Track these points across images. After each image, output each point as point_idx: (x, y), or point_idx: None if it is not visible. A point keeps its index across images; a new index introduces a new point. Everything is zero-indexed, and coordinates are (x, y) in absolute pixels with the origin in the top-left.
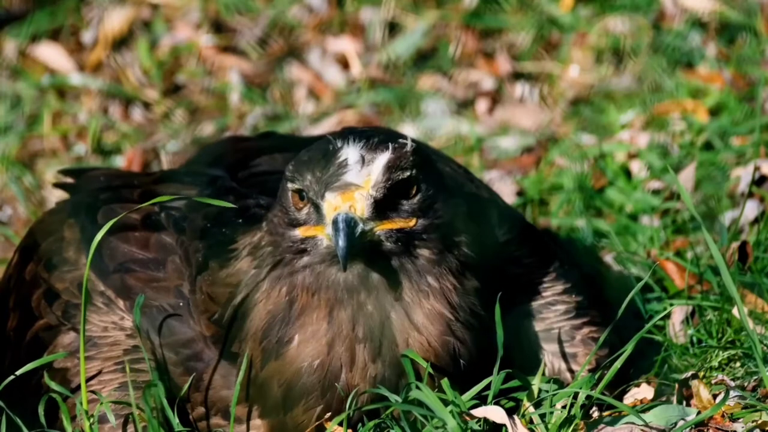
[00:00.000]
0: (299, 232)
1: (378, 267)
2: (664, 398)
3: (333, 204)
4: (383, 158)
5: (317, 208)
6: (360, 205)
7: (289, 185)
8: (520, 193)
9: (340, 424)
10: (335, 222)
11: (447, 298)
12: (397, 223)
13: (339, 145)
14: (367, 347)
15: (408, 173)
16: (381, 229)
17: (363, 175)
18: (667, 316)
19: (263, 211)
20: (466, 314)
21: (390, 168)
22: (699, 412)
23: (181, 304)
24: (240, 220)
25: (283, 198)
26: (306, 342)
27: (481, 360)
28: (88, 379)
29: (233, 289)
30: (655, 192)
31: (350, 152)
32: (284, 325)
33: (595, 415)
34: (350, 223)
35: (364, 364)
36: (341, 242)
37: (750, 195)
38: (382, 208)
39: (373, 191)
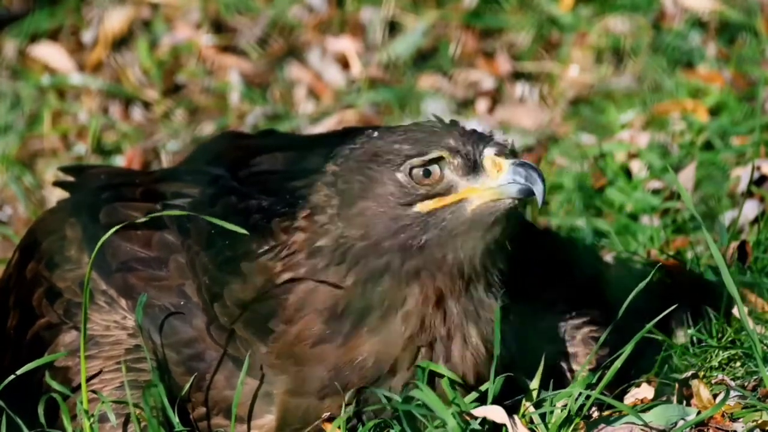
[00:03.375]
0: (420, 209)
1: (493, 251)
2: (664, 398)
3: (497, 159)
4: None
5: (472, 168)
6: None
7: (414, 161)
8: None
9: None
10: (521, 164)
11: (508, 314)
12: None
13: (451, 121)
14: (429, 351)
15: None
16: None
17: (503, 139)
18: (668, 316)
19: (265, 220)
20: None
21: None
22: (699, 412)
23: (183, 303)
24: (244, 229)
25: (384, 185)
26: (377, 337)
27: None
28: (89, 378)
29: (279, 275)
30: (655, 192)
31: (474, 125)
32: (362, 314)
33: (595, 414)
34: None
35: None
36: (537, 176)
37: (750, 195)
38: None
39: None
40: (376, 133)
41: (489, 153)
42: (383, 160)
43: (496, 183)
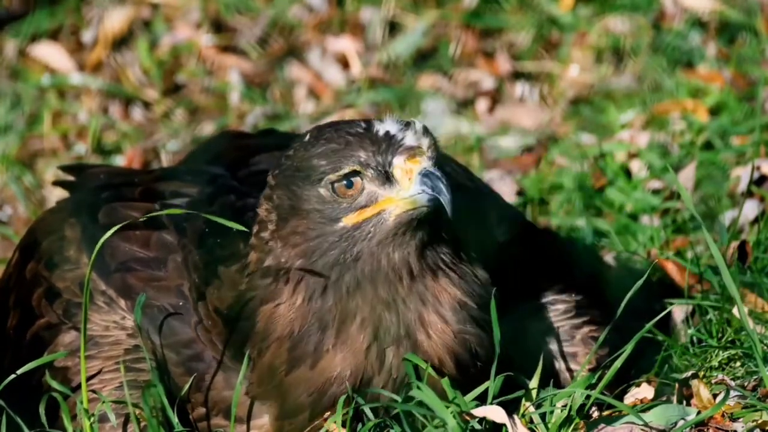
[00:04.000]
0: (346, 223)
1: (429, 243)
2: (664, 398)
3: (405, 167)
4: (420, 125)
5: (386, 179)
6: (427, 165)
7: (331, 176)
8: (520, 193)
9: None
10: (427, 175)
11: (475, 290)
12: None
13: (365, 125)
14: (395, 350)
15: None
16: None
17: (418, 139)
18: (668, 316)
19: (254, 215)
20: (482, 309)
21: (431, 134)
22: (699, 412)
23: (181, 303)
24: (235, 229)
25: (308, 201)
26: (343, 350)
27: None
28: (88, 378)
29: (244, 293)
30: (655, 191)
31: (388, 126)
32: (320, 333)
33: (595, 414)
34: (439, 171)
35: (389, 367)
36: (443, 186)
37: (750, 194)
38: None
39: (430, 153)
40: (307, 137)
41: (398, 162)
42: (304, 176)
43: (408, 193)
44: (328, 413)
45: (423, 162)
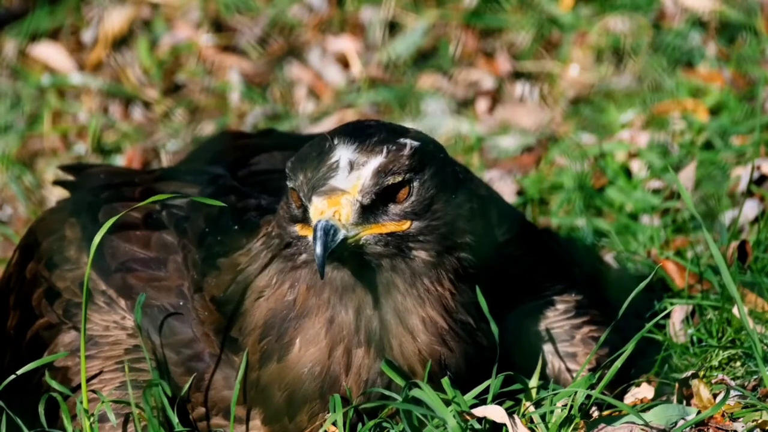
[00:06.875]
0: (297, 229)
1: (369, 270)
2: (664, 398)
3: (318, 209)
4: (375, 162)
5: (305, 210)
6: (345, 210)
7: (288, 183)
8: (520, 193)
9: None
10: (315, 229)
11: (443, 305)
12: (388, 227)
13: (334, 143)
14: (363, 351)
15: (401, 177)
16: (369, 233)
17: (351, 179)
18: (668, 316)
19: (259, 217)
20: (459, 324)
21: (381, 173)
22: (699, 412)
23: (182, 303)
24: (236, 227)
25: (286, 195)
26: (306, 345)
27: (471, 369)
28: (88, 379)
29: (243, 270)
30: (655, 191)
31: (342, 154)
32: (285, 325)
33: (595, 414)
34: (329, 231)
35: (358, 369)
36: (318, 250)
37: (750, 194)
38: (371, 212)
39: (360, 197)
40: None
41: (315, 200)
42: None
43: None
44: (328, 414)
45: (343, 204)
